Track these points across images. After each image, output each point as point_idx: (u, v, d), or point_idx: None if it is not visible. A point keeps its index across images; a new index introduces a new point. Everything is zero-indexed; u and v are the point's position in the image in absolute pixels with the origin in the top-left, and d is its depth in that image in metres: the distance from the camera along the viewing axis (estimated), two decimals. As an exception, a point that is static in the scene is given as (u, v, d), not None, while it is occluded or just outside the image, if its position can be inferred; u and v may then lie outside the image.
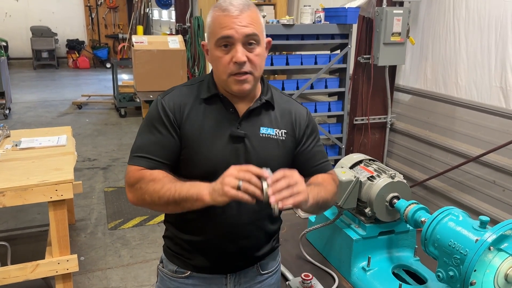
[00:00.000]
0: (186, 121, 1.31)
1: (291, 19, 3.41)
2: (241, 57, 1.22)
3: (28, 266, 2.59)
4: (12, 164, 2.75)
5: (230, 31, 1.22)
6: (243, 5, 1.25)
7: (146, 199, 1.25)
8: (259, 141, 1.33)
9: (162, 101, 1.33)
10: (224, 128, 1.31)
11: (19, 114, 7.71)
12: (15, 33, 13.18)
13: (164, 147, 1.30)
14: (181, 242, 1.41)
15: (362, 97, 3.84)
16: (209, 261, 1.39)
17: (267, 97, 1.37)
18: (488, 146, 2.99)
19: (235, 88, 1.27)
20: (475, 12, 3.10)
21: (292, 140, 1.39)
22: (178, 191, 1.20)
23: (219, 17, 1.25)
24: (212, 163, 1.29)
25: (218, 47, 1.25)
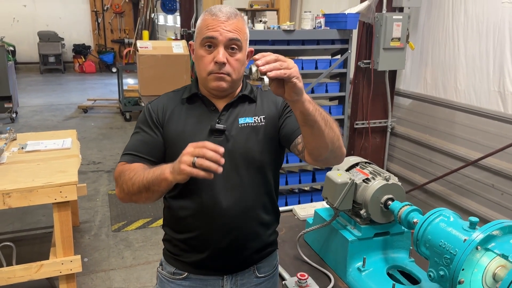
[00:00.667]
0: (168, 121, 1.41)
1: (292, 25, 3.46)
2: (221, 58, 1.31)
3: (33, 266, 2.64)
4: (18, 166, 2.81)
5: (215, 33, 1.31)
6: (231, 13, 1.35)
7: (124, 189, 1.31)
8: (238, 132, 1.40)
9: (148, 106, 1.45)
10: (205, 125, 1.39)
11: (26, 117, 7.81)
12: (23, 38, 13.34)
13: (147, 144, 1.40)
14: (178, 243, 1.46)
15: (363, 101, 3.88)
16: (205, 257, 1.43)
17: (246, 92, 1.45)
18: (486, 150, 3.02)
19: (213, 84, 1.35)
20: (473, 18, 3.13)
21: (274, 119, 1.44)
22: (146, 175, 1.25)
23: (207, 20, 1.34)
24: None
25: (202, 47, 1.35)
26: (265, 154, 1.43)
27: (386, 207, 1.61)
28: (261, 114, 1.44)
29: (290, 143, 1.43)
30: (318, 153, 1.30)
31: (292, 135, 1.41)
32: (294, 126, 1.42)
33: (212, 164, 1.11)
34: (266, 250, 1.52)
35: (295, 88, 1.11)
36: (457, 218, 1.35)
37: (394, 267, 1.67)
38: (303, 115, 1.18)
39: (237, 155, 1.39)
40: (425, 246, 1.36)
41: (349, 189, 1.64)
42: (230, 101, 1.43)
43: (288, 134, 1.42)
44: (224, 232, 1.39)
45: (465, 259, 1.18)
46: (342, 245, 1.68)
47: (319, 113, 1.20)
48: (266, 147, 1.42)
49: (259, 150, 1.41)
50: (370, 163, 1.80)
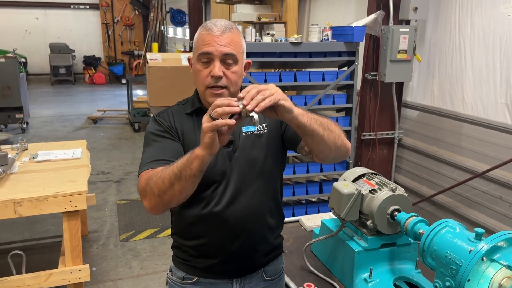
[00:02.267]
0: (183, 132, 1.43)
1: (299, 37, 3.50)
2: (217, 72, 1.34)
3: (42, 275, 2.67)
4: (29, 175, 2.86)
5: (210, 48, 1.34)
6: (225, 27, 1.38)
7: (155, 192, 1.25)
8: (243, 140, 1.43)
9: (157, 119, 1.44)
10: None
11: (36, 128, 7.91)
12: (34, 49, 13.58)
13: (169, 148, 1.38)
14: (187, 249, 1.48)
15: (370, 113, 3.89)
16: (215, 263, 1.46)
17: None
18: (494, 162, 3.01)
19: (211, 100, 1.34)
20: (480, 30, 3.15)
21: (277, 126, 1.48)
22: (176, 165, 1.22)
23: (203, 35, 1.37)
24: (210, 170, 1.35)
25: (199, 62, 1.37)
26: (269, 160, 1.46)
27: (393, 218, 1.62)
28: (263, 121, 1.47)
29: (296, 146, 1.48)
30: (324, 155, 1.37)
31: (297, 138, 1.45)
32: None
33: (226, 107, 1.13)
34: (273, 253, 1.56)
35: (284, 108, 1.17)
36: (463, 229, 1.36)
37: (401, 278, 1.67)
38: (300, 128, 1.25)
39: (243, 163, 1.42)
40: (431, 257, 1.36)
41: (355, 200, 1.65)
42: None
43: (292, 137, 1.47)
44: (233, 238, 1.43)
45: (471, 270, 1.19)
46: (348, 256, 1.68)
47: (314, 121, 1.26)
48: (270, 153, 1.46)
49: (264, 157, 1.45)
50: (377, 174, 1.81)
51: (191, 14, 9.44)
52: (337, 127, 1.39)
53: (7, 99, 7.14)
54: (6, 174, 2.78)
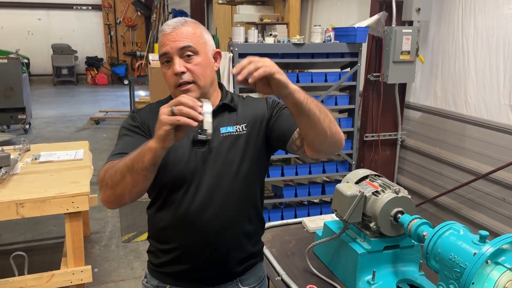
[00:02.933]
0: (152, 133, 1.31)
1: (302, 38, 3.49)
2: (177, 68, 1.31)
3: (44, 276, 2.67)
4: (32, 176, 2.86)
5: (165, 48, 1.32)
6: (176, 23, 1.36)
7: (109, 183, 1.21)
8: (220, 141, 1.38)
9: (134, 115, 1.43)
10: (187, 136, 1.34)
11: (39, 129, 7.93)
12: (37, 50, 13.60)
13: (138, 145, 1.27)
14: (161, 254, 1.43)
15: (372, 114, 3.88)
16: (187, 269, 1.41)
17: (226, 101, 1.43)
18: (497, 163, 3.00)
19: None
20: (483, 31, 3.14)
21: (259, 126, 1.43)
22: (129, 156, 1.18)
23: (160, 38, 1.36)
24: (180, 171, 1.34)
25: (162, 64, 1.36)
26: (248, 163, 1.40)
27: (396, 220, 1.61)
28: (242, 122, 1.42)
29: (286, 142, 1.40)
30: (319, 142, 1.28)
31: (288, 133, 1.39)
32: (286, 124, 1.40)
33: (191, 111, 1.09)
34: (250, 261, 1.50)
35: (280, 83, 1.11)
36: (467, 231, 1.35)
37: (404, 281, 1.66)
38: (296, 106, 1.18)
39: (218, 165, 1.37)
40: (435, 260, 1.35)
41: (358, 201, 1.64)
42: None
43: (282, 133, 1.40)
44: (205, 244, 1.37)
45: (475, 273, 1.18)
46: (351, 258, 1.68)
47: (311, 101, 1.20)
48: (249, 156, 1.40)
49: (242, 160, 1.39)
50: (380, 176, 1.80)
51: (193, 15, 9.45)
52: (331, 113, 1.31)
53: (9, 100, 7.15)
54: (8, 175, 2.78)
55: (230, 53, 3.33)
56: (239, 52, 3.33)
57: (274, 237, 2.06)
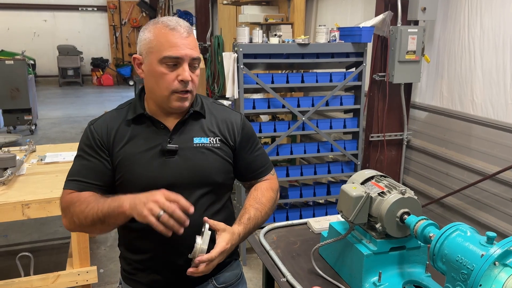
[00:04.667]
0: (115, 144, 1.34)
1: (306, 38, 3.48)
2: (188, 77, 1.28)
3: (50, 276, 2.67)
4: (37, 177, 2.87)
5: (180, 53, 1.27)
6: (188, 27, 1.32)
7: (75, 221, 1.27)
8: (193, 152, 1.36)
9: (91, 127, 1.37)
10: (156, 145, 1.34)
11: (45, 129, 7.97)
12: (43, 51, 13.69)
13: (94, 170, 1.33)
14: (132, 262, 1.43)
15: (378, 114, 3.87)
16: (161, 278, 1.40)
17: (197, 108, 1.41)
18: (504, 163, 2.98)
19: (177, 104, 1.31)
20: (489, 31, 3.12)
21: (228, 146, 1.43)
22: (101, 208, 1.21)
23: (166, 34, 1.28)
24: (148, 181, 1.32)
25: (162, 64, 1.28)
26: (220, 174, 1.41)
27: (402, 221, 1.60)
28: (215, 135, 1.41)
29: (245, 179, 1.53)
30: None
31: (242, 178, 1.52)
32: (249, 171, 1.51)
33: (176, 225, 1.13)
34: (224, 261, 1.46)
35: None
36: (474, 232, 1.34)
37: (410, 282, 1.65)
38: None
39: (192, 176, 1.36)
40: (441, 261, 1.34)
41: (364, 202, 1.63)
42: (181, 119, 1.38)
43: (240, 174, 1.50)
44: (177, 253, 1.36)
45: (483, 275, 1.17)
46: (357, 259, 1.66)
47: (250, 229, 1.39)
48: (221, 168, 1.41)
49: (215, 171, 1.39)
50: (386, 177, 1.79)
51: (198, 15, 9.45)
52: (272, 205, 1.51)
53: (15, 101, 7.20)
54: (14, 176, 2.80)
55: (235, 54, 3.33)
56: (243, 53, 3.32)
57: (279, 238, 2.05)
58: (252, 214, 1.40)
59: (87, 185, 1.33)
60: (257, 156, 1.52)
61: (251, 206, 1.43)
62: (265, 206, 1.45)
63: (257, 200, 1.45)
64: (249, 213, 1.40)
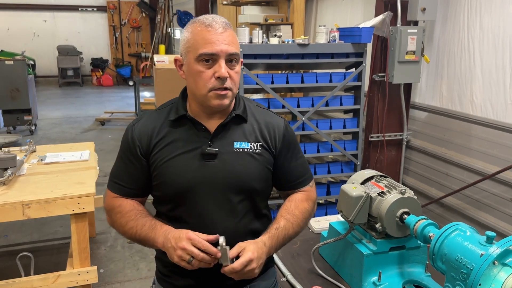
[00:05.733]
0: (155, 147, 1.34)
1: (306, 39, 3.49)
2: (224, 73, 1.24)
3: (50, 276, 2.68)
4: (38, 177, 2.87)
5: (215, 48, 1.24)
6: (225, 23, 1.29)
7: (118, 229, 1.38)
8: (233, 157, 1.33)
9: (132, 130, 1.38)
10: (196, 148, 1.32)
11: (45, 130, 7.97)
12: (43, 52, 13.68)
13: (132, 175, 1.38)
14: (168, 265, 1.40)
15: (378, 114, 3.87)
16: (196, 282, 1.39)
17: (239, 111, 1.37)
18: (504, 163, 2.98)
19: (215, 102, 1.28)
20: (489, 31, 3.12)
21: (269, 152, 1.39)
22: (139, 232, 1.30)
23: (202, 32, 1.26)
24: (186, 184, 1.31)
25: (199, 62, 1.27)
26: (258, 182, 1.38)
27: (402, 221, 1.60)
28: (257, 140, 1.38)
29: (282, 188, 1.50)
30: None
31: (281, 187, 1.49)
32: (288, 180, 1.48)
33: (206, 265, 1.21)
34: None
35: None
36: (474, 232, 1.34)
37: (410, 282, 1.65)
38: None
39: (230, 181, 1.33)
40: (441, 261, 1.34)
41: (364, 202, 1.63)
42: (223, 122, 1.35)
43: (278, 182, 1.47)
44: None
45: (482, 274, 1.17)
46: (357, 259, 1.67)
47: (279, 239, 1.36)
48: (260, 174, 1.38)
49: (254, 178, 1.36)
50: (386, 177, 1.79)
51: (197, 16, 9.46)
52: (307, 217, 1.47)
53: (15, 101, 7.19)
54: (14, 176, 2.80)
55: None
56: (243, 53, 3.33)
57: (279, 238, 2.05)
58: (281, 224, 1.37)
59: (128, 190, 1.39)
60: (297, 166, 1.48)
61: (282, 216, 1.40)
62: (297, 217, 1.41)
63: (289, 211, 1.41)
64: (278, 223, 1.37)
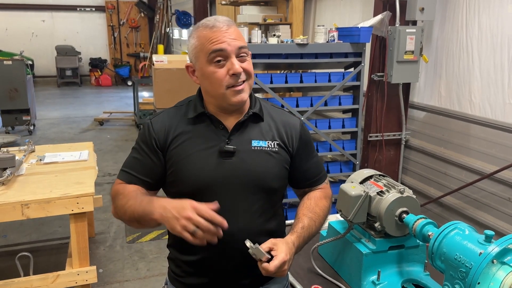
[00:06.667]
0: (172, 143, 1.33)
1: (305, 39, 3.49)
2: (239, 69, 1.25)
3: (49, 276, 2.67)
4: (36, 177, 2.87)
5: (222, 45, 1.24)
6: (228, 21, 1.29)
7: (118, 213, 1.32)
8: (250, 155, 1.33)
9: (150, 124, 1.37)
10: (214, 145, 1.32)
11: (43, 130, 7.96)
12: (41, 52, 13.66)
13: (145, 166, 1.35)
14: (182, 264, 1.41)
15: (376, 114, 3.88)
16: (209, 281, 1.38)
17: (255, 110, 1.37)
18: (502, 163, 2.99)
19: (234, 99, 1.28)
20: (487, 31, 3.13)
21: (286, 151, 1.40)
22: (137, 208, 1.24)
23: (207, 34, 1.26)
24: (203, 180, 1.31)
25: (211, 63, 1.26)
26: (276, 180, 1.37)
27: (401, 220, 1.60)
28: (274, 139, 1.38)
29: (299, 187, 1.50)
30: None
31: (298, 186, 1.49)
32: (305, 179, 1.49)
33: (211, 238, 1.14)
34: None
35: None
36: (473, 231, 1.35)
37: (409, 281, 1.66)
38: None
39: (247, 180, 1.33)
40: (440, 260, 1.35)
41: (363, 201, 1.63)
42: (241, 120, 1.35)
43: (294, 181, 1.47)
44: (228, 257, 1.34)
45: (481, 273, 1.17)
46: (356, 258, 1.67)
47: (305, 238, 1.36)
48: (276, 173, 1.37)
49: (271, 177, 1.35)
50: (385, 176, 1.79)
51: (196, 16, 9.46)
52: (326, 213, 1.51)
53: (14, 101, 7.18)
54: (13, 176, 2.80)
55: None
56: (242, 53, 3.33)
57: (278, 237, 2.05)
58: (306, 223, 1.37)
59: (136, 179, 1.35)
60: (313, 164, 1.49)
61: (305, 215, 1.40)
62: (318, 215, 1.43)
63: (311, 209, 1.42)
64: (303, 222, 1.37)
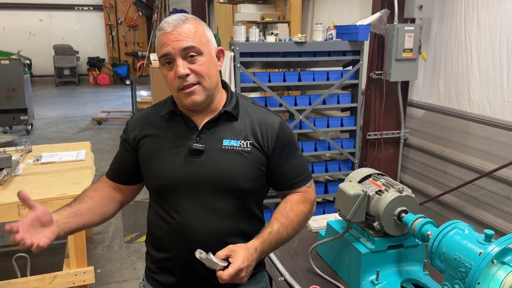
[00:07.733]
0: (143, 139, 1.38)
1: (303, 37, 3.48)
2: (181, 71, 1.23)
3: (47, 277, 2.66)
4: (33, 178, 2.85)
5: (166, 49, 1.24)
6: (177, 20, 1.26)
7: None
8: (221, 154, 1.30)
9: (128, 123, 1.45)
10: (183, 144, 1.31)
11: (41, 129, 7.93)
12: (39, 51, 13.63)
13: (122, 167, 1.48)
14: (155, 260, 1.40)
15: (375, 112, 3.87)
16: (179, 281, 1.36)
17: (229, 108, 1.34)
18: (501, 161, 2.98)
19: (187, 101, 1.28)
20: (486, 29, 3.12)
21: (260, 151, 1.34)
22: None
23: (158, 37, 1.28)
24: (170, 178, 1.31)
25: (163, 66, 1.28)
26: (247, 181, 1.32)
27: (400, 220, 1.59)
28: (247, 138, 1.33)
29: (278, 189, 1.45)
30: None
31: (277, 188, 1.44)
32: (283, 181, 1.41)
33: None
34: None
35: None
36: (472, 230, 1.34)
37: (408, 280, 1.65)
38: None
39: (216, 179, 1.30)
40: (439, 259, 1.34)
41: (362, 201, 1.63)
42: (211, 118, 1.33)
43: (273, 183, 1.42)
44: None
45: (481, 273, 1.16)
46: (355, 258, 1.66)
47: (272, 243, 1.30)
48: (250, 174, 1.32)
49: (241, 177, 1.31)
50: (383, 175, 1.78)
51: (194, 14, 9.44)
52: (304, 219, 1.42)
53: (11, 101, 7.16)
54: (10, 176, 2.78)
55: (232, 52, 3.32)
56: (240, 51, 3.32)
57: (277, 237, 2.04)
58: (275, 228, 1.31)
59: (115, 174, 1.49)
60: (293, 166, 1.40)
61: (277, 220, 1.34)
62: (292, 221, 1.35)
63: (284, 214, 1.36)
64: (272, 227, 1.31)
